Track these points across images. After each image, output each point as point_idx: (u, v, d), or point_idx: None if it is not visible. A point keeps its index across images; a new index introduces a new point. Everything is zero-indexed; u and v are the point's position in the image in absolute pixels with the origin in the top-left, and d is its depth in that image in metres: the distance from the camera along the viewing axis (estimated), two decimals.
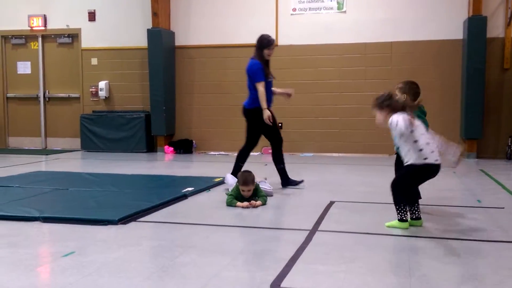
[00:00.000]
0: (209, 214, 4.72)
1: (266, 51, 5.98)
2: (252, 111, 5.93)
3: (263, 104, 5.78)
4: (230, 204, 4.96)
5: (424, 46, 9.36)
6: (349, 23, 9.61)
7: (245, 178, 5.02)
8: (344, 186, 6.28)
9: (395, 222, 4.16)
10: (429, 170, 4.08)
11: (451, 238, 3.89)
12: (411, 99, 4.71)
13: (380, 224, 4.26)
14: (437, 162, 4.07)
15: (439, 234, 3.99)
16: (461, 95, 9.22)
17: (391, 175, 7.13)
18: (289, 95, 6.37)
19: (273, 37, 10.03)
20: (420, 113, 4.74)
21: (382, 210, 4.86)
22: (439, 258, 3.40)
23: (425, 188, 6.00)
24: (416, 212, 4.25)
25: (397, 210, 4.13)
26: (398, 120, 4.00)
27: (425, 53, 9.38)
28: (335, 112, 9.80)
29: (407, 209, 4.14)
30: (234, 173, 5.74)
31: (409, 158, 4.07)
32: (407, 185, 4.19)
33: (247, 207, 4.85)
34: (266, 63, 6.02)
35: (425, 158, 4.01)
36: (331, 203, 5.15)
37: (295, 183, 6.06)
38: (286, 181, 6.06)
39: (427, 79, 9.36)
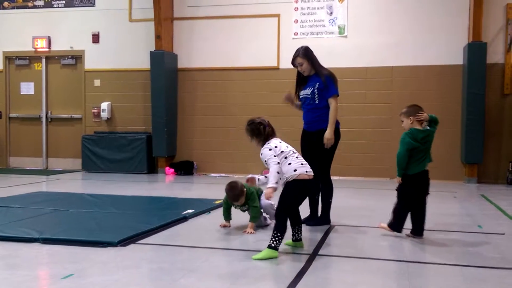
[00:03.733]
0: (209, 237, 4.71)
1: None
2: None
3: None
4: (224, 216, 5.05)
5: (425, 71, 9.44)
6: (350, 47, 9.71)
7: (232, 196, 4.90)
8: (345, 209, 6.26)
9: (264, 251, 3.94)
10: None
11: (452, 264, 3.88)
12: (417, 122, 4.74)
13: (381, 249, 4.24)
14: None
15: (439, 260, 3.97)
16: (462, 120, 9.26)
17: (391, 198, 7.13)
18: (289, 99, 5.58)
19: (275, 60, 10.16)
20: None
21: (383, 234, 4.84)
22: (440, 284, 3.38)
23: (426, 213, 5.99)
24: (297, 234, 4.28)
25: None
26: None
27: (425, 78, 9.45)
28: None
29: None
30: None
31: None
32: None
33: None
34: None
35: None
36: (332, 226, 5.13)
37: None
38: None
39: (428, 103, 9.37)
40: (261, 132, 4.26)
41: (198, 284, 3.31)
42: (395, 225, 4.71)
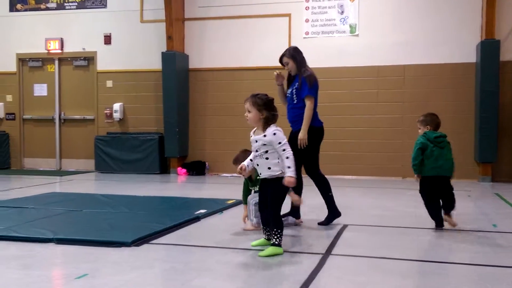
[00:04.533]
0: (222, 237, 4.71)
1: None
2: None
3: None
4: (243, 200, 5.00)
5: (437, 69, 9.37)
6: (362, 46, 9.66)
7: (243, 156, 4.71)
8: (357, 209, 6.23)
9: (271, 249, 3.98)
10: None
11: (466, 263, 3.84)
12: (433, 128, 5.21)
13: (394, 248, 4.22)
14: None
15: (454, 259, 3.94)
16: (475, 119, 9.18)
17: (404, 198, 7.11)
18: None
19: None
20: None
21: (396, 233, 4.81)
22: (454, 283, 3.36)
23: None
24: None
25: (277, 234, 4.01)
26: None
27: (438, 76, 9.38)
28: (348, 134, 9.79)
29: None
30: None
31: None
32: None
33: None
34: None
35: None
36: (344, 226, 5.11)
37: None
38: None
39: (441, 102, 9.35)
40: (273, 109, 4.06)
41: (211, 284, 3.32)
42: (434, 218, 5.03)
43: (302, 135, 5.17)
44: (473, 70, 9.21)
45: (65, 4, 11.12)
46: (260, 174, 4.13)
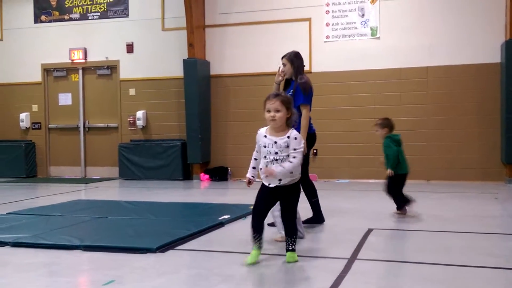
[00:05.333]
0: (246, 242, 4.70)
1: None
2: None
3: None
4: None
5: (461, 70, 9.25)
6: (384, 49, 9.60)
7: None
8: (382, 213, 6.17)
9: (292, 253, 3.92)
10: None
11: (493, 267, 3.77)
12: (389, 130, 5.96)
13: (421, 252, 4.17)
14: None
15: (481, 263, 3.87)
16: (501, 119, 9.02)
17: (429, 201, 7.02)
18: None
19: (307, 64, 10.12)
20: (391, 142, 5.95)
21: (422, 237, 4.76)
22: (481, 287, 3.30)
23: (466, 215, 5.88)
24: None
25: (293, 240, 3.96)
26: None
27: (462, 77, 9.25)
28: (371, 138, 9.70)
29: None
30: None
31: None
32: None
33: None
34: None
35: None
36: (369, 230, 5.07)
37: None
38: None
39: (465, 103, 9.23)
40: (293, 112, 3.90)
41: None
42: (404, 203, 5.89)
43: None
44: (498, 70, 9.06)
45: (88, 14, 11.31)
46: (280, 180, 3.86)
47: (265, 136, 3.87)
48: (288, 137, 3.81)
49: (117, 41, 11.06)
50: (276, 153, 3.81)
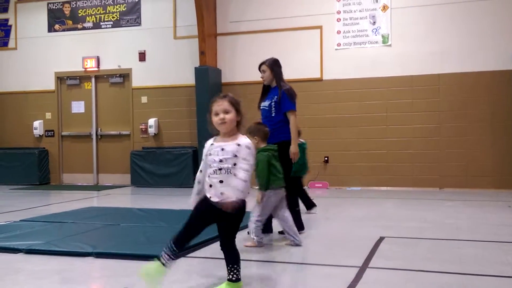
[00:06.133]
0: (256, 249, 4.71)
1: None
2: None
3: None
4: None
5: (473, 77, 9.20)
6: (395, 56, 9.58)
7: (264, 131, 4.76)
8: (394, 221, 6.14)
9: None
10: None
11: (507, 276, 3.73)
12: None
13: (433, 261, 4.14)
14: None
15: (496, 272, 3.83)
16: None
17: (442, 209, 6.96)
18: None
19: (318, 72, 10.11)
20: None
21: (435, 245, 4.72)
22: None
23: (479, 223, 5.83)
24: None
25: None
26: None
27: (474, 85, 9.21)
28: (382, 145, 9.69)
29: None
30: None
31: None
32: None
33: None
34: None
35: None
36: (381, 238, 5.04)
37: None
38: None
39: (478, 110, 9.18)
40: (240, 112, 3.37)
41: None
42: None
43: (295, 149, 5.16)
44: (511, 78, 9.01)
45: (101, 23, 11.42)
46: (222, 195, 3.22)
47: (212, 144, 3.33)
48: (239, 144, 3.23)
49: (129, 49, 11.16)
50: (221, 161, 3.21)
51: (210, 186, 3.26)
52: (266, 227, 5.31)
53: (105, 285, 3.70)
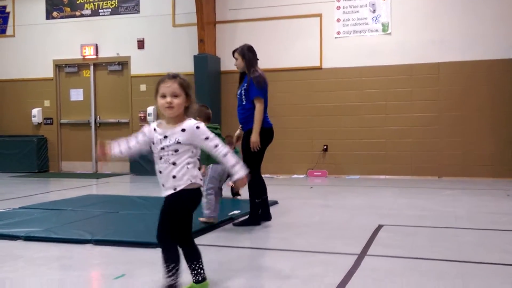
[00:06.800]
0: (256, 237, 4.72)
1: None
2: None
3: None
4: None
5: (473, 66, 9.17)
6: (395, 44, 9.54)
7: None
8: (393, 209, 6.15)
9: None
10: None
11: (507, 264, 3.74)
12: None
13: (432, 249, 4.15)
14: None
15: (494, 260, 3.84)
16: None
17: (440, 198, 6.97)
18: None
19: (318, 60, 10.06)
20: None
21: (434, 234, 4.73)
22: (496, 285, 3.27)
23: (478, 212, 5.84)
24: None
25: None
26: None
27: (474, 73, 9.18)
28: (382, 134, 9.68)
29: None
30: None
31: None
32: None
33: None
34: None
35: None
36: (380, 226, 5.05)
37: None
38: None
39: (478, 99, 9.16)
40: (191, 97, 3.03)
41: (246, 284, 3.32)
42: None
43: (255, 138, 5.08)
44: (511, 67, 8.98)
45: (100, 10, 11.35)
46: (163, 187, 3.06)
47: (155, 129, 3.03)
48: (183, 130, 2.94)
49: (128, 37, 11.10)
50: (163, 148, 2.96)
51: (160, 172, 3.02)
52: (266, 215, 5.31)
53: (104, 271, 3.71)
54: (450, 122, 9.33)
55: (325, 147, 9.95)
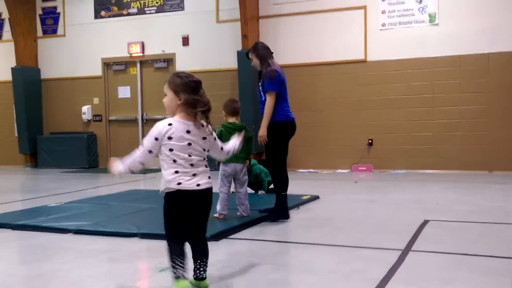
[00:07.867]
0: (298, 232, 4.72)
1: None
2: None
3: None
4: None
5: None
6: (442, 35, 9.29)
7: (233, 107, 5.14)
8: (440, 204, 6.01)
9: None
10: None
11: None
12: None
13: (480, 245, 4.03)
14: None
15: None
16: None
17: (490, 192, 6.76)
18: None
19: (363, 53, 9.93)
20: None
21: (483, 230, 4.60)
22: None
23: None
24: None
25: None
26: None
27: None
28: (429, 127, 9.46)
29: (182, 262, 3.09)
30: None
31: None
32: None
33: None
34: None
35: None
36: (425, 222, 4.95)
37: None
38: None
39: None
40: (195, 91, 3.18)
41: (288, 278, 3.34)
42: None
43: (262, 132, 5.11)
44: None
45: (145, 8, 11.57)
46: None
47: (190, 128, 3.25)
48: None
49: (173, 34, 11.27)
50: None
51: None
52: (284, 213, 5.23)
53: (150, 264, 3.81)
54: (500, 114, 9.02)
55: (370, 141, 9.82)
